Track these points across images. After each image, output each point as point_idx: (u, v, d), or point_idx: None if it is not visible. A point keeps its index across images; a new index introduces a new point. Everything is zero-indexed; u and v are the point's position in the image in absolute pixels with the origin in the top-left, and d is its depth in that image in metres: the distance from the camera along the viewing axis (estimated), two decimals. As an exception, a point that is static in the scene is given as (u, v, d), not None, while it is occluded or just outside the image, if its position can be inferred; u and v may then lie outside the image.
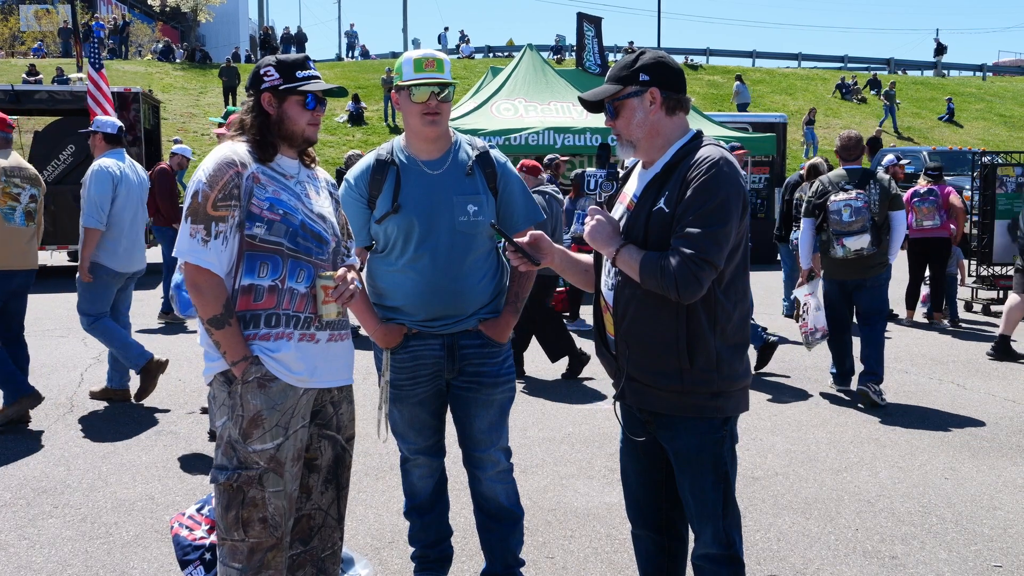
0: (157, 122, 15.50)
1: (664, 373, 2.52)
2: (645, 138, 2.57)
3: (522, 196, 3.25)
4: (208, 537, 3.28)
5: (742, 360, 2.58)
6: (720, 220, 2.41)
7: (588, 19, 15.96)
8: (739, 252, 2.52)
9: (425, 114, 3.05)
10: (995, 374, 7.25)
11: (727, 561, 2.62)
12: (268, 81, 2.72)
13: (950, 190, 9.42)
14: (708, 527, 2.60)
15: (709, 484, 2.57)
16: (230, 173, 2.61)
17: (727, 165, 2.45)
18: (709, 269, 2.40)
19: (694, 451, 2.57)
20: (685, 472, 2.60)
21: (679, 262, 2.39)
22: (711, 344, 2.49)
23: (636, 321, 2.53)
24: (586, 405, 6.25)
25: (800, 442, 5.42)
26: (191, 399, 6.37)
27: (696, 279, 2.39)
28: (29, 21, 42.12)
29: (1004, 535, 4.05)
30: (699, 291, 2.42)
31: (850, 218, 6.14)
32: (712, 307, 2.49)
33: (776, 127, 17.22)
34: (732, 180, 2.44)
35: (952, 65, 45.81)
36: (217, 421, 2.69)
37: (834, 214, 6.20)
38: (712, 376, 2.50)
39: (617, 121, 2.58)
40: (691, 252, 2.38)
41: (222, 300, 2.61)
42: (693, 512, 2.63)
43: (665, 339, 2.49)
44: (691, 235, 2.40)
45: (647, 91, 2.53)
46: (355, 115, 27.89)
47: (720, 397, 2.54)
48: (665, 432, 2.61)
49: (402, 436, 3.30)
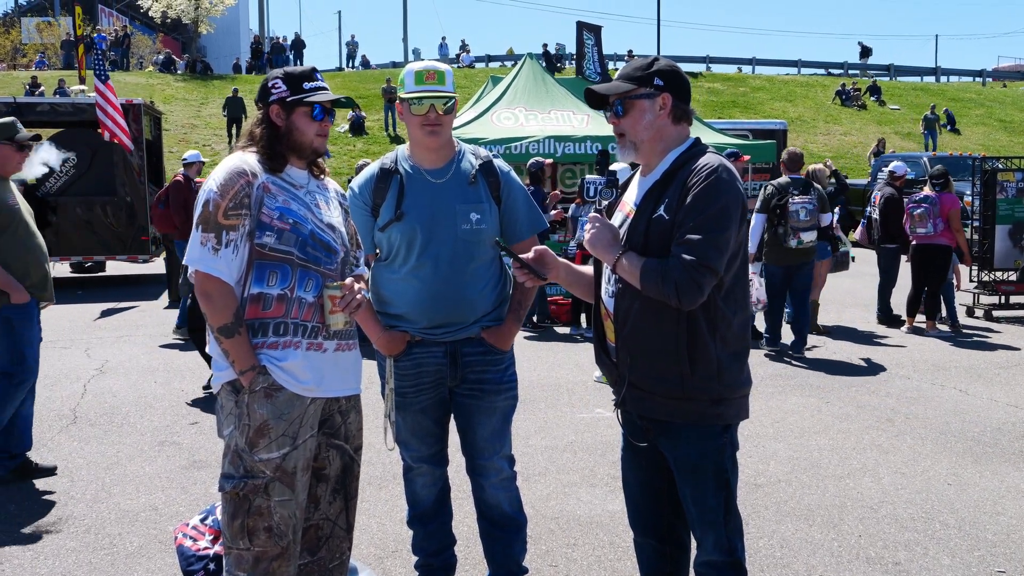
0: (159, 133, 15.54)
1: (665, 380, 2.52)
2: (649, 141, 2.58)
3: (525, 205, 3.27)
4: (212, 547, 3.29)
5: (743, 368, 2.59)
6: (720, 226, 2.42)
7: (588, 27, 15.99)
8: (738, 259, 2.53)
9: (425, 125, 3.08)
10: (997, 380, 7.25)
11: (730, 568, 2.62)
12: (276, 93, 2.75)
13: (952, 200, 9.16)
14: (710, 534, 2.60)
15: (710, 491, 2.58)
16: (241, 182, 2.64)
17: (726, 172, 2.47)
18: (710, 275, 2.41)
19: (695, 458, 2.57)
20: (686, 480, 2.60)
21: (680, 268, 2.40)
22: (712, 351, 2.50)
23: (637, 328, 2.54)
24: (588, 414, 6.26)
25: (803, 449, 5.42)
26: (193, 409, 6.38)
27: (697, 285, 2.40)
28: (31, 34, 42.24)
29: (1007, 540, 4.05)
30: (700, 297, 2.43)
31: (805, 217, 7.79)
32: (712, 314, 2.49)
33: (776, 134, 17.26)
34: (731, 187, 2.46)
35: (951, 71, 45.91)
36: (224, 430, 2.71)
37: (793, 214, 7.79)
38: (713, 383, 2.51)
39: (624, 120, 2.59)
40: (692, 259, 2.39)
41: (232, 309, 2.63)
42: (695, 519, 2.63)
43: (666, 346, 2.50)
44: (692, 241, 2.41)
45: (660, 95, 2.56)
46: (356, 124, 27.94)
47: (721, 404, 2.54)
48: (666, 439, 2.61)
49: (405, 444, 3.31)
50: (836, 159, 28.09)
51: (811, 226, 7.80)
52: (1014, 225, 10.44)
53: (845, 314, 10.31)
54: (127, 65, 36.15)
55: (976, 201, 10.87)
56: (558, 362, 7.77)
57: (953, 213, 9.13)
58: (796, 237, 7.80)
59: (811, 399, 6.64)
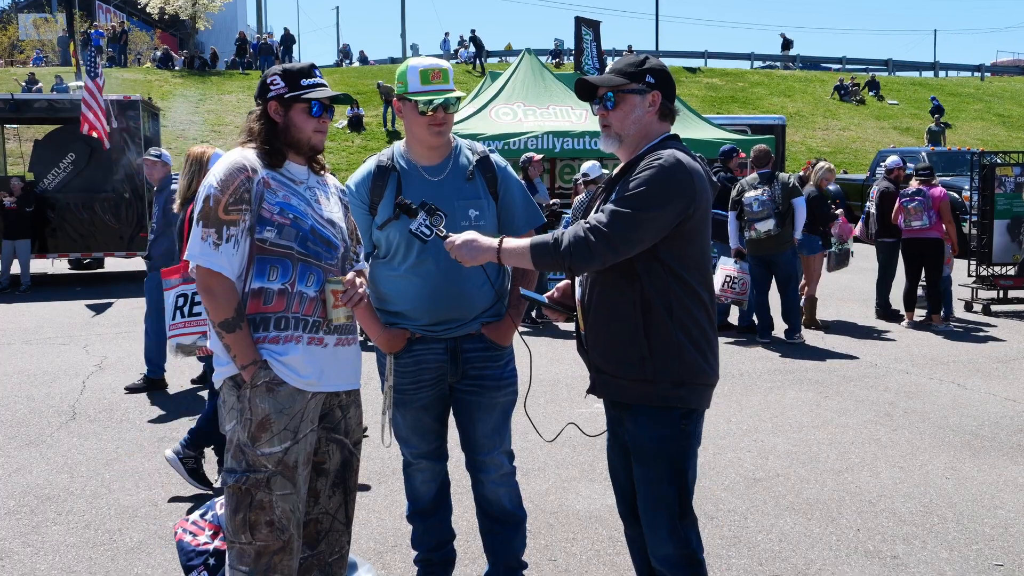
0: (157, 130, 15.52)
1: (627, 363, 2.58)
2: (634, 136, 2.65)
3: (522, 200, 3.27)
4: (212, 543, 3.29)
5: (706, 358, 2.61)
6: (636, 204, 2.46)
7: (586, 23, 15.99)
8: (693, 250, 2.57)
9: (432, 125, 3.07)
10: (995, 374, 7.26)
11: (684, 560, 2.61)
12: (274, 90, 2.76)
13: (941, 192, 9.24)
14: (663, 523, 2.61)
15: (664, 478, 2.60)
16: (241, 178, 2.65)
17: (674, 164, 2.49)
18: (604, 242, 2.44)
19: (654, 441, 2.60)
20: (642, 462, 2.63)
21: (575, 230, 2.48)
22: (672, 333, 2.54)
23: (599, 312, 2.62)
24: (587, 408, 6.26)
25: (801, 443, 5.43)
26: (192, 406, 6.38)
27: (586, 247, 2.45)
28: (28, 30, 42.17)
29: (1005, 534, 4.06)
30: (589, 259, 2.48)
31: (758, 208, 8.28)
32: (668, 298, 2.54)
33: (775, 129, 17.26)
34: (670, 176, 2.47)
35: (950, 66, 45.86)
36: (227, 425, 2.72)
37: (747, 206, 8.36)
38: (673, 364, 2.55)
39: (613, 112, 2.66)
40: (592, 224, 2.46)
41: (233, 304, 2.64)
42: (648, 507, 2.63)
43: (625, 330, 2.56)
44: (603, 209, 2.50)
45: (651, 92, 2.63)
46: (354, 121, 27.92)
47: (683, 387, 2.57)
48: (629, 424, 2.64)
49: (405, 441, 3.31)
50: (835, 154, 28.12)
51: (764, 216, 8.24)
52: (1012, 220, 10.45)
53: (844, 309, 10.33)
54: (125, 61, 36.07)
55: (974, 196, 10.88)
56: (557, 357, 7.77)
57: (944, 204, 9.23)
58: (752, 229, 8.32)
59: (809, 393, 6.65)
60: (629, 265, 2.52)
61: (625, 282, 2.56)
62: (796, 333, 8.54)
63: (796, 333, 8.54)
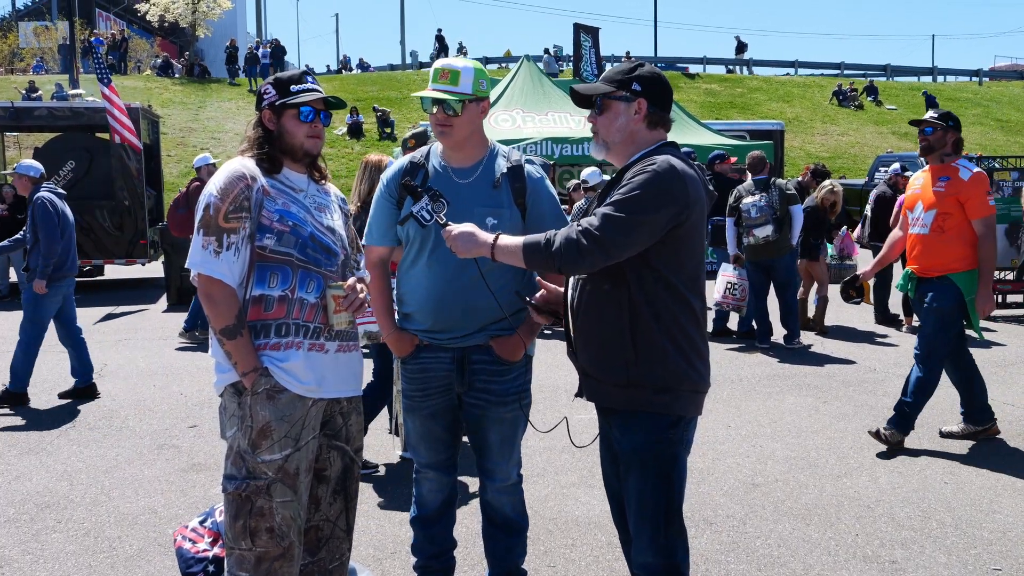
0: (157, 137, 15.56)
1: (613, 367, 2.57)
2: (621, 143, 2.65)
3: (552, 215, 3.16)
4: (211, 549, 3.30)
5: (693, 365, 2.59)
6: (628, 208, 2.44)
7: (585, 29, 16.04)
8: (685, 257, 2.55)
9: (436, 125, 3.07)
10: (994, 378, 7.26)
11: (666, 572, 2.59)
12: (267, 98, 2.80)
13: None
14: (647, 530, 2.59)
15: (650, 484, 2.58)
16: (240, 186, 2.67)
17: (667, 170, 2.48)
18: (595, 245, 2.43)
19: (640, 447, 2.58)
20: (629, 469, 2.61)
21: (567, 231, 2.48)
22: (657, 338, 2.53)
23: (586, 315, 2.62)
24: (587, 415, 6.26)
25: (800, 448, 5.44)
26: (192, 412, 6.39)
27: (577, 249, 2.44)
28: (28, 38, 42.24)
29: (1003, 538, 4.07)
30: (579, 261, 2.46)
31: (756, 215, 8.28)
32: (656, 305, 2.53)
33: (773, 134, 17.29)
34: (662, 181, 2.46)
35: (948, 71, 46.02)
36: (227, 432, 2.73)
37: (745, 212, 8.36)
38: (657, 369, 2.53)
39: (599, 119, 2.68)
40: (584, 227, 2.46)
41: (234, 311, 2.65)
42: (633, 513, 2.62)
43: (612, 333, 2.56)
44: (595, 213, 2.49)
45: (636, 100, 2.62)
46: (354, 128, 27.96)
47: (668, 393, 2.55)
48: (617, 430, 2.64)
49: (415, 450, 3.32)
50: (833, 160, 28.17)
51: (762, 222, 8.26)
52: (1010, 224, 10.47)
53: (843, 314, 10.34)
54: (125, 69, 36.17)
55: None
56: (556, 363, 7.78)
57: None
58: (751, 235, 8.34)
59: (808, 399, 6.66)
60: (619, 269, 2.52)
61: (614, 286, 2.55)
62: (795, 338, 8.59)
63: (795, 338, 8.59)
